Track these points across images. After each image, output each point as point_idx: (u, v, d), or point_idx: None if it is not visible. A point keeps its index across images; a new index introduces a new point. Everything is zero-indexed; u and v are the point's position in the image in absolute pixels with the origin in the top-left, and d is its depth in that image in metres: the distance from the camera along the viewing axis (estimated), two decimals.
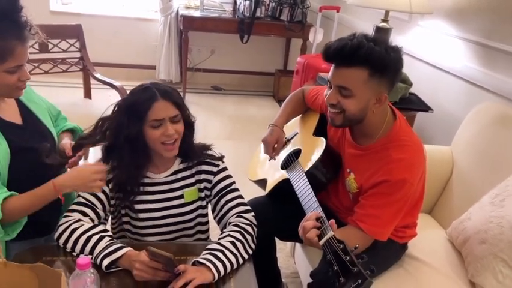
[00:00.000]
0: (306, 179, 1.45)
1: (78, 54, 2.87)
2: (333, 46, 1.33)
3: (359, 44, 1.28)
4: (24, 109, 1.44)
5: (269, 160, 1.82)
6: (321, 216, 1.20)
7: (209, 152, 1.48)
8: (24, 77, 1.30)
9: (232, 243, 1.29)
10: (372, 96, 1.34)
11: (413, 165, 1.37)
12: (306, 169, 1.51)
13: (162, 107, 1.30)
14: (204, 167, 1.45)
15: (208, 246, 1.28)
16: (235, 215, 1.40)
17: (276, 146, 1.69)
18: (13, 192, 1.26)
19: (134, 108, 1.31)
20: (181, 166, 1.44)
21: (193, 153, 1.44)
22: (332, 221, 1.18)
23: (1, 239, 1.27)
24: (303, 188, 1.43)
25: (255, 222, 1.41)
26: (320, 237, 1.16)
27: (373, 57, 1.28)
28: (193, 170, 1.45)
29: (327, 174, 1.55)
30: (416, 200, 1.47)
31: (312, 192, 1.37)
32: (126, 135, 1.31)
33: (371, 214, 1.37)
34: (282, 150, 1.76)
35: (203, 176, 1.45)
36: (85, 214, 1.33)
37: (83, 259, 0.94)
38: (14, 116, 1.41)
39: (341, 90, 1.34)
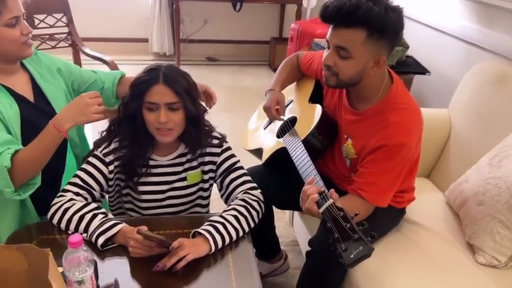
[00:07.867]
0: (303, 147, 1.43)
1: (66, 30, 2.80)
2: (331, 6, 1.28)
3: (357, 4, 1.24)
4: (36, 89, 1.42)
5: (265, 128, 1.79)
6: (324, 191, 1.19)
7: (212, 134, 1.45)
8: (26, 30, 1.30)
9: (235, 217, 1.29)
10: (371, 59, 1.30)
11: (410, 128, 1.35)
12: (303, 137, 1.49)
13: (160, 91, 1.26)
14: (208, 149, 1.43)
15: (211, 218, 1.28)
16: (243, 192, 1.39)
17: (278, 107, 1.66)
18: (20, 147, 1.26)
19: (136, 85, 1.31)
20: (187, 149, 1.42)
21: (199, 145, 1.40)
22: (332, 190, 1.17)
23: (11, 196, 1.23)
24: (300, 156, 1.41)
25: (262, 198, 1.39)
26: (319, 205, 1.15)
27: (371, 18, 1.23)
28: (197, 153, 1.43)
29: (323, 142, 1.53)
30: (413, 163, 1.45)
31: (310, 160, 1.36)
32: (125, 110, 1.33)
33: (371, 182, 1.36)
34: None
35: (207, 159, 1.44)
36: (78, 195, 1.31)
37: (75, 237, 0.93)
38: (26, 92, 1.39)
39: (339, 51, 1.31)
